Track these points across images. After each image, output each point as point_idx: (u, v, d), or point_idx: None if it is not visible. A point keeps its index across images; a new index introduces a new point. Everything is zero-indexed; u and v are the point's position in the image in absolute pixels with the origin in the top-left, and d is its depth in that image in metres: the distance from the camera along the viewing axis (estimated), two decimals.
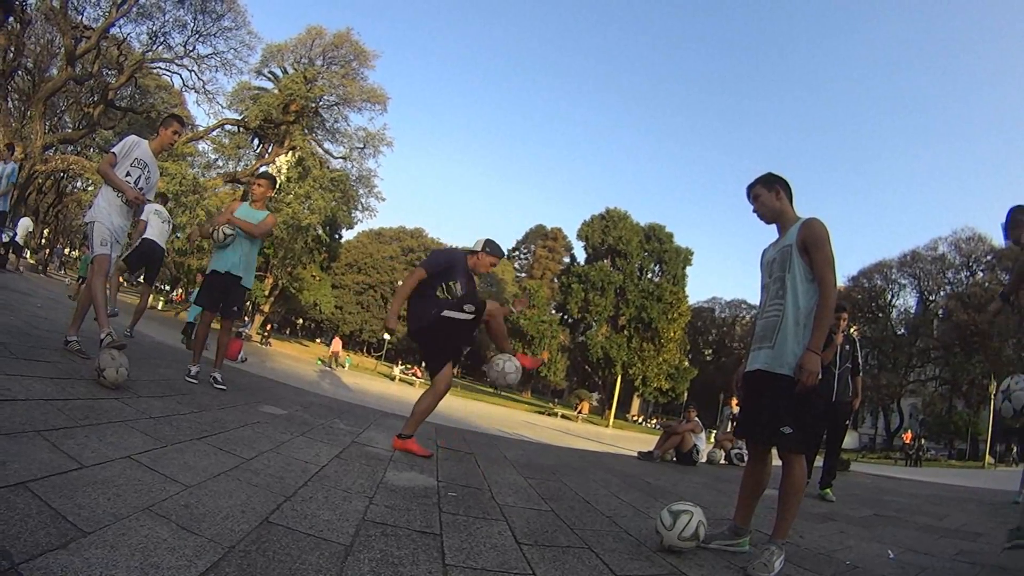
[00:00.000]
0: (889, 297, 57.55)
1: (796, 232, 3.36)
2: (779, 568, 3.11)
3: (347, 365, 39.44)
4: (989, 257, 49.57)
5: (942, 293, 53.45)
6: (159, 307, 40.34)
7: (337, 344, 41.45)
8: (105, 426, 3.34)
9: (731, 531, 3.55)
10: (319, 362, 36.81)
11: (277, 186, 7.30)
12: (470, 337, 5.19)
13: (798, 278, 3.28)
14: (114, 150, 5.55)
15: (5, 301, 7.93)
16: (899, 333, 55.91)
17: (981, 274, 50.17)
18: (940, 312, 52.06)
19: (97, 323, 5.04)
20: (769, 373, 3.31)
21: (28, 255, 29.47)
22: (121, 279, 8.93)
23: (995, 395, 3.87)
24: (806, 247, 3.28)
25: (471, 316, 4.98)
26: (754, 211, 3.64)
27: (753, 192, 3.63)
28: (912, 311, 56.50)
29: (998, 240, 49.95)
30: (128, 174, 5.50)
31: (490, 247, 5.36)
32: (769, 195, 3.56)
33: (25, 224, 19.07)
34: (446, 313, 4.92)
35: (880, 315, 56.33)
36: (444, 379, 5.02)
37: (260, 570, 2.01)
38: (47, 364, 4.59)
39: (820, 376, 3.17)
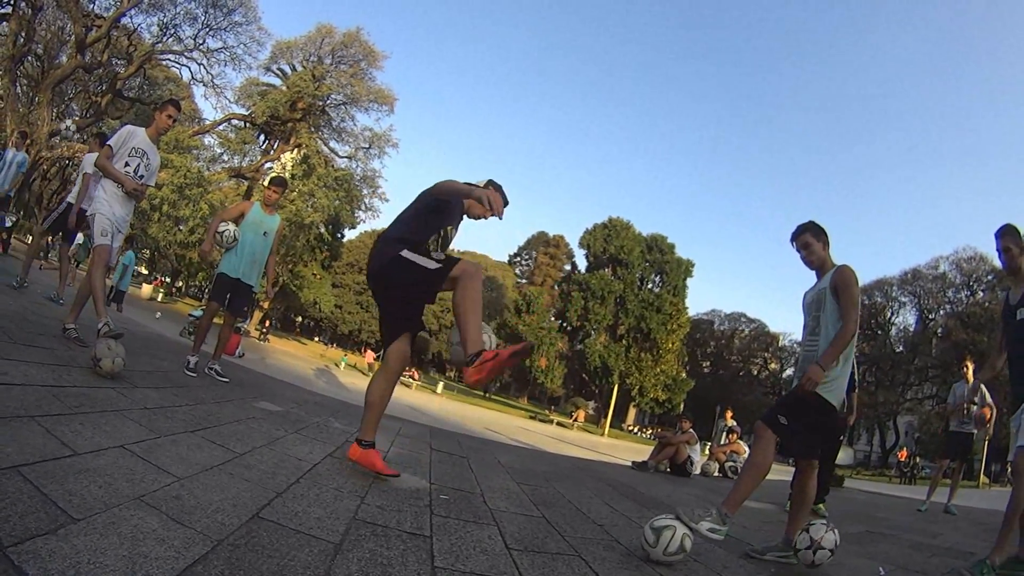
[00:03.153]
0: (889, 315, 57.56)
1: (830, 277, 3.81)
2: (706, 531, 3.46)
3: (343, 364, 39.24)
4: (990, 277, 49.54)
5: (942, 312, 53.42)
6: (159, 299, 40.38)
7: (370, 355, 41.53)
8: (100, 415, 3.34)
9: (784, 543, 3.81)
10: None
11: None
12: (430, 296, 3.82)
13: (830, 317, 3.75)
14: (110, 142, 5.58)
15: (4, 286, 7.93)
16: (898, 351, 55.86)
17: (982, 294, 50.12)
18: (939, 331, 52.02)
19: (95, 312, 5.06)
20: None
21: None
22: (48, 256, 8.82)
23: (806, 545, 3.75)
24: (837, 289, 3.73)
25: (436, 267, 3.64)
26: (803, 259, 4.03)
27: (803, 240, 4.00)
28: (911, 329, 56.47)
29: (999, 261, 50.09)
30: (127, 164, 5.52)
31: (492, 187, 4.19)
32: (818, 245, 3.96)
33: None
34: (406, 254, 3.69)
35: (879, 332, 56.34)
36: (395, 354, 3.85)
37: (248, 565, 2.00)
38: (44, 350, 4.59)
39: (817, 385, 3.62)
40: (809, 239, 3.96)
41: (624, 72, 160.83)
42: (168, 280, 57.62)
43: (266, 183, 7.05)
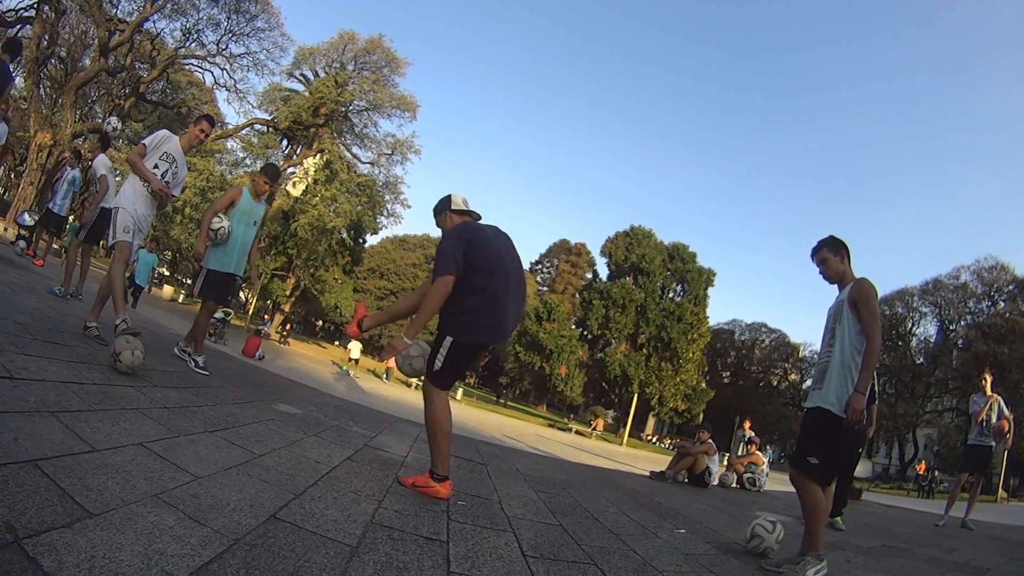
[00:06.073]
0: (909, 325, 56.88)
1: (848, 290, 3.89)
2: None
3: (387, 377, 37.89)
4: (1011, 287, 48.94)
5: (963, 322, 52.71)
6: (180, 300, 40.72)
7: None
8: (119, 412, 3.35)
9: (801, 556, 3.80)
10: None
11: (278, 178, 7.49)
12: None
13: (846, 328, 3.80)
14: (145, 141, 5.63)
15: (28, 283, 8.02)
16: (918, 362, 55.20)
17: (1003, 304, 49.43)
18: (960, 342, 51.30)
19: (114, 309, 5.10)
20: (813, 408, 3.83)
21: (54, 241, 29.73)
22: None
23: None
24: (855, 303, 3.78)
25: None
26: (821, 273, 4.13)
27: (820, 256, 4.11)
28: (932, 340, 55.76)
29: (1021, 269, 49.38)
30: (156, 167, 5.56)
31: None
32: (835, 259, 4.05)
33: None
34: None
35: (900, 343, 55.64)
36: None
37: (264, 565, 1.99)
38: (65, 347, 4.63)
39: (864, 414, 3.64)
40: (826, 254, 4.06)
41: (649, 80, 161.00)
42: (190, 282, 58.14)
43: (259, 170, 7.07)
